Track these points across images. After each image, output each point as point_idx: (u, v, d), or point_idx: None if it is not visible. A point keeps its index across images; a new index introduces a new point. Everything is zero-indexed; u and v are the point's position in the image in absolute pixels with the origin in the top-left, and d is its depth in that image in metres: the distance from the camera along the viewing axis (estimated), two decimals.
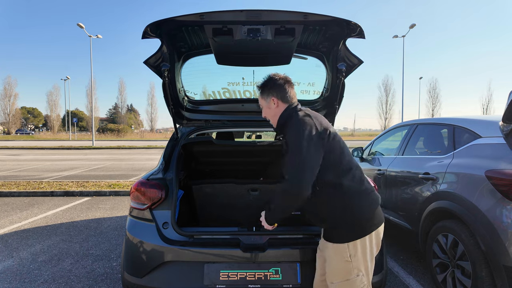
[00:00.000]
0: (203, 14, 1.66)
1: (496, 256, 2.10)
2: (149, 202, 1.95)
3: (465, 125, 2.80)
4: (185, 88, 2.47)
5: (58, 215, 5.19)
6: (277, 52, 2.05)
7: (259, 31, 1.75)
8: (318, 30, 1.92)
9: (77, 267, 3.21)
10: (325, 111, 2.36)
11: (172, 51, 2.03)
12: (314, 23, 1.81)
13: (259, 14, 1.67)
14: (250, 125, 2.56)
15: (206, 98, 2.55)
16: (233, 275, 1.79)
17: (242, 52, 2.03)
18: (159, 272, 1.84)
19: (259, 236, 1.88)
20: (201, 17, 1.67)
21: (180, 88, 2.40)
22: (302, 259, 1.84)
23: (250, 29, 1.74)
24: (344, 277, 1.50)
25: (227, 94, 2.52)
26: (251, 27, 1.73)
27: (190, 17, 1.68)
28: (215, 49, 2.00)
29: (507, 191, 2.11)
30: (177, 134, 2.33)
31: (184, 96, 2.48)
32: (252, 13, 1.66)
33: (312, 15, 1.67)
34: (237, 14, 1.66)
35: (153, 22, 1.69)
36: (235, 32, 1.76)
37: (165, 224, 1.91)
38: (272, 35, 1.78)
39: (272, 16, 1.68)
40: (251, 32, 1.74)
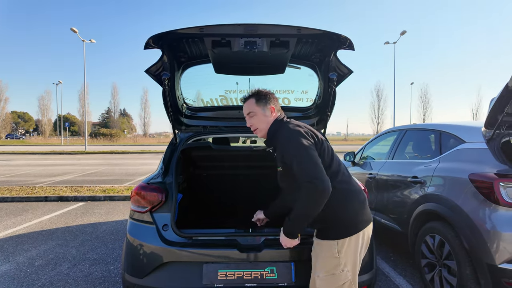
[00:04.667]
0: (203, 28, 1.76)
1: (479, 255, 2.22)
2: (149, 205, 2.03)
3: (451, 131, 2.95)
4: (184, 96, 2.57)
5: (53, 220, 5.19)
6: (273, 62, 2.16)
7: (256, 43, 1.86)
8: (310, 43, 2.04)
9: (75, 271, 3.24)
10: (318, 117, 2.48)
11: (172, 61, 2.12)
12: (306, 36, 1.93)
13: (256, 28, 1.78)
14: (246, 131, 2.67)
15: (204, 105, 2.65)
16: (231, 275, 1.87)
17: (239, 62, 2.13)
18: (159, 272, 1.92)
19: (255, 237, 1.97)
20: (201, 30, 1.77)
21: (179, 96, 2.49)
22: (296, 258, 1.93)
23: (247, 41, 1.85)
24: (330, 271, 1.60)
25: (224, 101, 2.63)
26: (248, 40, 1.84)
27: (191, 30, 1.79)
28: (213, 59, 2.11)
29: (488, 193, 2.24)
30: (176, 139, 2.43)
31: (183, 103, 2.58)
32: (249, 26, 1.77)
33: (305, 29, 1.79)
34: (235, 27, 1.77)
35: (156, 34, 1.78)
36: (233, 44, 1.87)
37: (165, 226, 1.99)
38: (267, 47, 1.89)
39: (268, 29, 1.80)
40: (248, 44, 1.85)
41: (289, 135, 1.56)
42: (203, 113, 2.63)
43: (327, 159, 1.62)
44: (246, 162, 2.72)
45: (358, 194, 1.65)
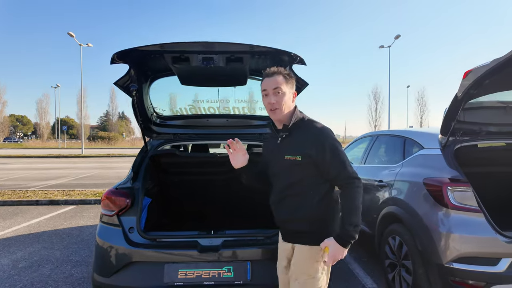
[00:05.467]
0: (163, 45, 1.92)
1: (429, 255, 2.36)
2: (117, 209, 2.18)
3: (413, 137, 3.10)
4: (154, 105, 2.73)
5: (42, 224, 5.32)
6: (234, 75, 2.32)
7: (213, 59, 2.02)
8: (264, 58, 2.20)
9: (56, 272, 3.37)
10: None
11: (139, 74, 2.28)
12: (259, 53, 2.09)
13: (212, 45, 1.94)
14: (215, 138, 2.84)
15: (173, 114, 2.81)
16: (190, 274, 2.01)
17: (201, 75, 2.29)
18: (125, 272, 2.06)
19: (215, 239, 2.11)
20: (162, 47, 1.93)
21: (149, 106, 2.65)
22: (253, 258, 2.08)
23: (205, 57, 2.01)
24: (311, 275, 1.56)
25: (193, 110, 2.79)
26: (205, 56, 2.00)
27: (152, 47, 1.94)
28: (177, 73, 2.27)
29: (438, 197, 2.39)
30: (147, 146, 2.58)
31: (153, 112, 2.74)
32: (206, 44, 1.93)
33: (257, 47, 1.94)
34: (193, 45, 1.93)
35: (119, 51, 1.94)
36: (192, 60, 2.03)
37: (131, 229, 2.13)
38: (224, 63, 2.05)
39: (223, 47, 1.96)
40: (205, 60, 2.01)
41: (329, 131, 1.55)
42: (173, 122, 2.79)
43: None
44: (214, 168, 2.88)
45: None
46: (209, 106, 2.74)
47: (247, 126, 2.81)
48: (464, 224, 2.27)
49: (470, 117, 2.73)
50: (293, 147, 1.55)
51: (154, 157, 2.54)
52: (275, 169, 1.65)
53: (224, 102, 2.73)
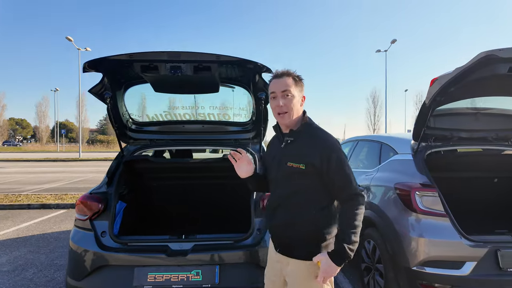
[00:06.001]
0: (132, 54, 1.99)
1: (399, 259, 2.41)
2: (89, 214, 2.23)
3: (389, 142, 3.16)
4: (130, 112, 2.80)
5: (31, 228, 5.35)
6: (205, 83, 2.39)
7: (180, 68, 2.08)
8: (232, 67, 2.27)
9: (39, 276, 3.41)
10: (255, 131, 2.72)
11: (112, 82, 2.35)
12: (226, 62, 2.16)
13: (179, 55, 2.02)
14: (191, 144, 2.91)
15: (150, 120, 2.88)
16: (159, 277, 2.06)
17: (173, 82, 2.36)
18: (96, 275, 2.11)
19: (186, 243, 2.16)
20: (131, 56, 2.00)
21: (124, 112, 2.72)
22: (221, 262, 2.13)
23: (172, 66, 2.08)
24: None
25: (168, 117, 2.86)
26: (173, 65, 2.07)
27: (121, 57, 2.01)
28: (149, 81, 2.34)
29: (407, 201, 2.44)
30: (122, 152, 2.64)
31: (128, 118, 2.80)
32: (173, 53, 2.00)
33: (223, 56, 2.02)
34: (160, 54, 2.00)
35: (89, 60, 2.01)
36: (160, 68, 2.10)
37: (103, 233, 2.18)
38: (192, 71, 2.12)
39: (190, 56, 2.03)
40: (173, 69, 2.08)
41: (337, 142, 1.47)
42: (149, 128, 2.86)
43: None
44: (188, 173, 2.94)
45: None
46: (185, 112, 2.81)
47: (222, 132, 2.88)
48: (430, 228, 2.33)
49: (441, 123, 2.79)
50: (298, 154, 1.47)
51: (128, 162, 2.60)
52: (275, 174, 1.57)
53: (200, 108, 2.80)
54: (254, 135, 2.72)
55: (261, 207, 2.26)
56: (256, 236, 2.20)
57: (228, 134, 2.86)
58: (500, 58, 2.00)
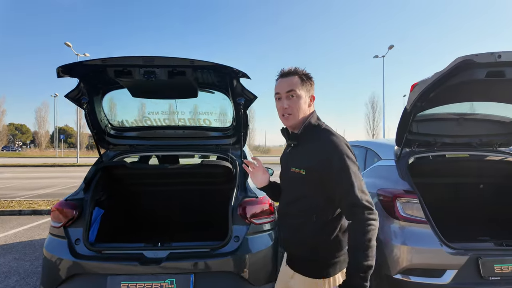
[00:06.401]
0: (106, 59, 1.98)
1: (380, 267, 2.36)
2: (63, 221, 2.19)
3: (373, 148, 3.14)
4: (109, 117, 2.78)
5: (19, 234, 5.30)
6: (182, 88, 2.38)
7: (154, 73, 2.07)
8: (208, 72, 2.26)
9: (21, 284, 3.35)
10: (236, 137, 2.69)
11: (89, 87, 2.34)
12: (201, 67, 2.14)
13: (153, 60, 2.00)
14: (172, 149, 2.89)
15: (129, 125, 2.86)
16: (132, 286, 2.01)
17: (151, 87, 2.34)
18: (68, 284, 2.06)
19: (161, 251, 2.12)
20: (104, 61, 1.99)
21: (102, 118, 2.70)
22: (196, 270, 2.08)
23: (146, 71, 2.06)
24: None
25: (148, 122, 2.84)
26: (147, 70, 2.06)
27: (94, 62, 2.00)
28: (125, 86, 2.33)
29: (389, 208, 2.41)
30: (101, 158, 2.62)
31: (107, 124, 2.79)
32: (147, 58, 1.99)
33: (198, 61, 2.00)
34: (134, 59, 1.98)
35: (63, 65, 1.99)
36: (134, 73, 2.08)
37: (77, 240, 2.15)
38: (166, 76, 2.10)
39: (164, 61, 2.01)
40: (146, 74, 2.06)
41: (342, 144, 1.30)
42: (129, 133, 2.84)
43: None
44: (167, 179, 2.92)
45: None
46: (165, 117, 2.80)
47: (203, 138, 2.85)
48: (411, 235, 2.29)
49: (424, 129, 2.77)
50: (299, 158, 1.36)
51: (106, 168, 2.57)
52: (283, 181, 1.49)
53: (180, 113, 2.78)
54: (235, 140, 2.70)
55: (238, 213, 2.23)
56: (233, 244, 2.16)
57: (209, 139, 2.84)
58: (477, 63, 1.99)
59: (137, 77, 2.07)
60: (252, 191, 2.36)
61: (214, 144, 2.81)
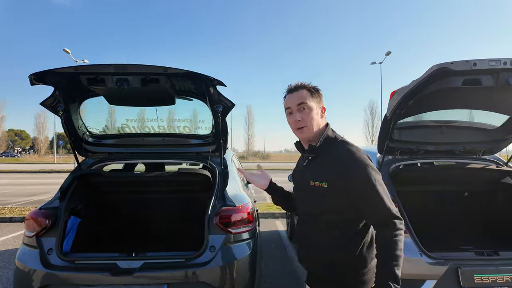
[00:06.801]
0: (78, 67, 1.97)
1: None
2: (36, 230, 2.16)
3: None
4: (87, 124, 2.76)
5: (7, 242, 5.24)
6: (159, 95, 2.37)
7: (127, 81, 2.06)
8: (183, 80, 2.25)
9: None
10: (216, 145, 2.67)
11: (65, 94, 2.32)
12: (175, 75, 2.13)
13: (126, 67, 2.00)
14: (151, 157, 2.87)
15: (108, 133, 2.84)
16: None
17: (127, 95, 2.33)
18: None
19: (135, 261, 2.08)
20: (76, 69, 1.98)
21: (80, 125, 2.69)
22: (170, 281, 2.05)
23: (119, 78, 2.05)
24: None
25: (127, 129, 2.83)
26: (119, 77, 2.05)
27: (66, 69, 1.99)
28: (101, 93, 2.32)
29: None
30: (79, 166, 2.60)
31: (85, 131, 2.77)
32: (120, 66, 1.98)
33: (171, 69, 1.99)
34: (106, 67, 1.98)
35: (35, 72, 1.98)
36: (107, 81, 2.08)
37: (50, 250, 2.11)
38: (139, 84, 2.09)
39: (137, 68, 2.01)
40: (119, 81, 2.06)
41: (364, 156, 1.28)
42: (108, 141, 2.82)
43: None
44: (144, 188, 2.90)
45: None
46: (145, 125, 2.78)
47: (184, 145, 2.83)
48: None
49: (406, 136, 2.75)
50: (319, 172, 1.32)
51: (83, 176, 2.55)
52: (300, 194, 1.45)
53: (160, 121, 2.77)
54: (215, 148, 2.68)
55: (214, 222, 2.19)
56: (209, 254, 2.12)
57: (189, 147, 2.81)
58: (453, 71, 1.98)
59: (110, 85, 2.06)
60: (230, 200, 2.33)
61: (194, 152, 2.79)
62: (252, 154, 59.89)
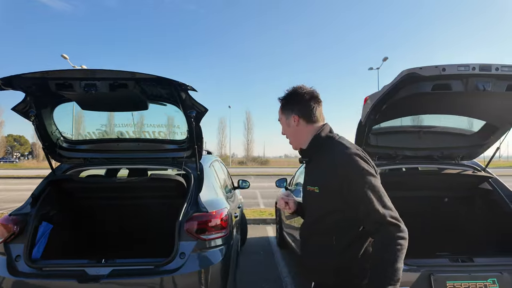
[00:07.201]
0: (46, 72, 1.97)
1: None
2: (4, 237, 2.13)
3: None
4: (61, 130, 2.76)
5: None
6: (130, 100, 2.37)
7: (96, 86, 2.06)
8: (153, 85, 2.25)
9: None
10: (191, 150, 2.66)
11: (36, 99, 2.32)
12: (144, 80, 2.13)
13: (94, 73, 2.00)
14: (127, 163, 2.86)
15: (83, 138, 2.84)
16: None
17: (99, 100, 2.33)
18: None
19: (103, 268, 2.06)
20: (43, 74, 1.98)
21: (54, 131, 2.68)
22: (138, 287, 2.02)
23: (87, 83, 2.06)
24: None
25: (102, 135, 2.82)
26: (88, 82, 2.05)
27: (34, 74, 1.99)
28: (72, 99, 2.32)
29: None
30: (54, 171, 2.58)
31: (59, 137, 2.76)
32: (88, 71, 1.99)
33: (139, 74, 2.00)
34: (74, 72, 1.98)
35: (3, 77, 1.98)
36: (75, 86, 2.08)
37: (17, 257, 2.09)
38: (107, 89, 2.09)
39: (105, 74, 2.01)
40: (87, 87, 2.06)
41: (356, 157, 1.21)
42: (82, 146, 2.81)
43: None
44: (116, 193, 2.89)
45: None
46: (120, 130, 2.77)
47: (159, 150, 2.82)
48: None
49: (384, 142, 2.74)
50: (314, 176, 1.30)
51: (55, 182, 2.54)
52: (303, 199, 1.42)
53: (134, 126, 2.76)
54: (191, 153, 2.67)
55: (185, 229, 2.17)
56: (179, 261, 2.10)
57: (164, 152, 2.80)
58: (422, 76, 1.98)
59: (79, 90, 2.06)
60: (203, 206, 2.31)
61: (170, 157, 2.78)
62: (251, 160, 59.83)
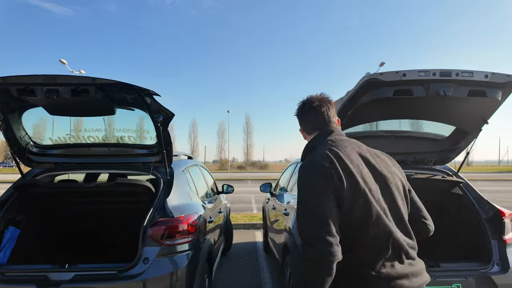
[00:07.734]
0: (5, 78, 1.99)
1: None
2: None
3: None
4: (30, 134, 2.77)
5: None
6: (96, 105, 2.39)
7: (57, 91, 2.08)
8: (116, 90, 2.26)
9: None
10: (161, 155, 2.66)
11: (2, 104, 2.33)
12: (106, 85, 2.15)
13: (55, 78, 2.02)
14: (98, 167, 2.86)
15: (53, 143, 2.84)
16: None
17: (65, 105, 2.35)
18: None
19: (66, 273, 2.06)
20: (4, 80, 2.00)
21: (23, 136, 2.69)
22: None
23: (49, 89, 2.07)
24: None
25: (72, 139, 2.83)
26: (49, 88, 2.07)
27: None
28: (37, 103, 2.33)
29: None
30: (23, 176, 2.59)
31: (28, 141, 2.77)
32: (48, 77, 2.01)
33: (100, 79, 2.01)
34: (34, 77, 2.00)
35: None
36: (37, 92, 2.09)
37: None
38: (69, 94, 2.11)
39: (66, 79, 2.04)
40: (48, 92, 2.07)
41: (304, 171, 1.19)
42: (53, 151, 2.82)
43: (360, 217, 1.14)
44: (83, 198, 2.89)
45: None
46: (90, 134, 2.78)
47: (130, 155, 2.82)
48: None
49: None
50: None
51: (22, 187, 2.54)
52: None
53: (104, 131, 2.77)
54: (160, 158, 2.67)
55: (149, 234, 2.17)
56: (142, 266, 2.09)
57: (134, 157, 2.80)
58: (383, 81, 1.99)
59: (40, 96, 2.08)
60: (170, 211, 2.31)
61: (140, 162, 2.78)
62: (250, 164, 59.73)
